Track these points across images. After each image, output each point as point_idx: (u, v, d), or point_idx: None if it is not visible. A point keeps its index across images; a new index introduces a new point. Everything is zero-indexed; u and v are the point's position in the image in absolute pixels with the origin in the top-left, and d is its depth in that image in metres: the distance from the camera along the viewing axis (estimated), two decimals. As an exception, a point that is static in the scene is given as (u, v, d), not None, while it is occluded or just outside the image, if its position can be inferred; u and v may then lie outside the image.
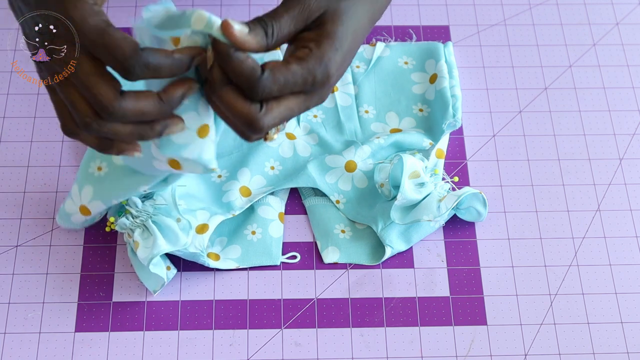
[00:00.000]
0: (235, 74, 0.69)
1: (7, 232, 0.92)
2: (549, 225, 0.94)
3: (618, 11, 1.09)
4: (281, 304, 0.89)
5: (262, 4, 1.07)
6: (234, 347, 0.87)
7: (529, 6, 1.09)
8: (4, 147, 0.97)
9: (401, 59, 1.03)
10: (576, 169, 0.97)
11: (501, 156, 0.98)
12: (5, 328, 0.87)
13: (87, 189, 0.86)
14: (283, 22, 0.72)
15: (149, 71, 0.68)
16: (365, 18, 0.77)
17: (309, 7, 0.73)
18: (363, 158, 0.95)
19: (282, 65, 0.71)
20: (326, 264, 0.91)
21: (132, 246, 0.87)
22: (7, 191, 0.94)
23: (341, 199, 0.94)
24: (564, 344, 0.87)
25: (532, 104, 1.02)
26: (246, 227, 0.92)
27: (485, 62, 1.04)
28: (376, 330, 0.88)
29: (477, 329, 0.88)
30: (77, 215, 0.88)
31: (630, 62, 1.05)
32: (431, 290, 0.90)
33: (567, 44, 1.06)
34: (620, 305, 0.89)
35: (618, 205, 0.95)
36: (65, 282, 0.90)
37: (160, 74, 0.69)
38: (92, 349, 0.86)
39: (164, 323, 0.88)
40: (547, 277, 0.91)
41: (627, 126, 1.00)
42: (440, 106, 0.98)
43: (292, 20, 0.72)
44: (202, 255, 0.88)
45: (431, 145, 0.96)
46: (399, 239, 0.91)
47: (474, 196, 0.91)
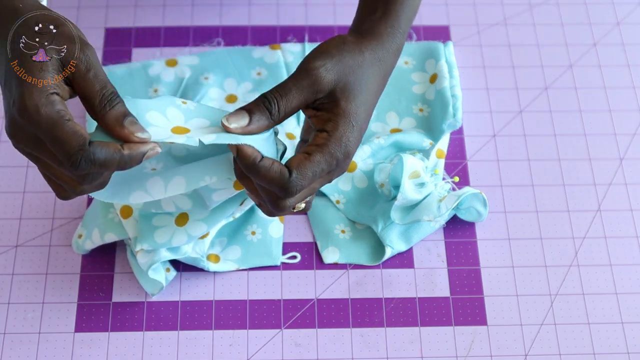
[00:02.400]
0: (266, 183, 0.73)
1: (7, 232, 0.92)
2: (549, 225, 0.94)
3: (618, 11, 1.09)
4: (281, 304, 0.89)
5: (262, 3, 1.07)
6: (234, 348, 0.87)
7: (529, 6, 1.09)
8: (4, 147, 0.97)
9: (401, 59, 1.03)
10: (576, 169, 0.97)
11: (501, 156, 0.98)
12: (5, 328, 0.87)
13: (109, 235, 0.88)
14: (291, 97, 0.74)
15: (96, 166, 0.69)
16: (376, 83, 0.78)
17: (318, 82, 0.75)
18: (363, 158, 0.95)
19: (305, 159, 0.74)
20: (326, 264, 0.91)
21: (133, 249, 0.87)
22: (7, 191, 0.94)
23: (341, 199, 0.94)
24: (565, 344, 0.87)
25: (532, 104, 1.02)
26: (246, 227, 0.92)
27: (485, 62, 1.04)
28: (376, 330, 0.88)
29: (477, 329, 0.88)
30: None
31: (631, 62, 1.05)
32: (431, 291, 0.90)
33: (568, 44, 1.06)
34: (621, 305, 0.89)
35: (618, 205, 0.95)
36: (65, 282, 0.90)
37: (109, 169, 0.70)
38: (92, 349, 0.86)
39: (164, 323, 0.88)
40: (548, 277, 0.91)
41: (627, 126, 1.00)
42: (441, 106, 0.98)
43: (300, 94, 0.74)
44: (202, 260, 0.88)
45: (431, 145, 0.95)
46: (399, 239, 0.91)
47: (474, 196, 0.91)
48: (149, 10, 1.07)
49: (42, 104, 0.69)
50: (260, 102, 0.74)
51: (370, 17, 0.80)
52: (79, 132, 0.69)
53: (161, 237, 0.82)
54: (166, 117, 0.74)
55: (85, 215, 0.90)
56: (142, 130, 0.71)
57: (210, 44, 1.04)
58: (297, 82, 0.74)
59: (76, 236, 0.90)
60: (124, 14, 1.07)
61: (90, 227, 0.89)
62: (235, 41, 1.05)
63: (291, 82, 0.74)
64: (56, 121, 0.69)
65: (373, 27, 0.80)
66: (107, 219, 0.87)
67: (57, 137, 0.68)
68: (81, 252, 0.90)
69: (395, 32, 0.80)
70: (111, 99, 0.71)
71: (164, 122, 0.73)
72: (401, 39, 0.81)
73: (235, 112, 0.74)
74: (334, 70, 0.75)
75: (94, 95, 0.71)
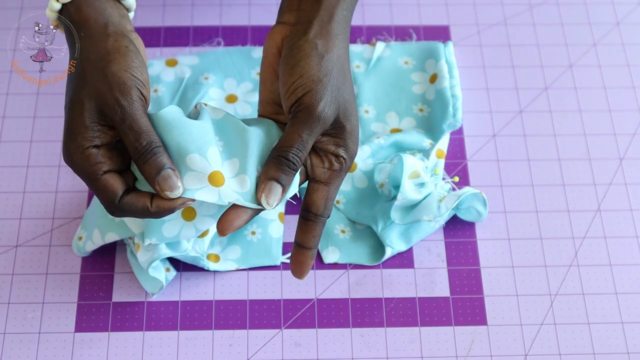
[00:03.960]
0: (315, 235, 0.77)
1: (7, 232, 0.92)
2: (549, 225, 0.94)
3: (618, 11, 1.09)
4: (281, 304, 0.89)
5: (262, 3, 1.07)
6: (234, 348, 0.87)
7: (529, 6, 1.09)
8: (4, 147, 0.97)
9: (401, 59, 1.03)
10: (576, 169, 0.97)
11: (501, 156, 0.98)
12: (5, 328, 0.87)
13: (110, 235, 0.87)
14: (307, 146, 0.75)
15: (129, 214, 0.74)
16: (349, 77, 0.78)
17: (326, 122, 0.75)
18: (363, 158, 0.95)
19: (332, 191, 0.77)
20: (326, 264, 0.91)
21: (133, 248, 0.87)
22: (7, 191, 0.94)
23: (341, 199, 0.94)
24: (564, 344, 0.87)
25: (532, 104, 1.02)
26: (246, 227, 0.92)
27: (485, 62, 1.04)
28: (376, 330, 0.88)
29: (477, 329, 0.88)
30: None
31: (631, 62, 1.05)
32: (431, 291, 0.90)
33: (568, 44, 1.06)
34: (621, 305, 0.89)
35: (618, 205, 0.95)
36: (65, 282, 0.90)
37: (142, 217, 0.74)
38: (92, 349, 0.86)
39: (164, 323, 0.88)
40: (548, 277, 0.91)
41: (627, 126, 1.00)
42: (441, 106, 0.98)
43: (313, 138, 0.75)
44: (202, 259, 0.88)
45: (431, 145, 0.95)
46: (399, 239, 0.91)
47: (474, 196, 0.91)
48: (149, 10, 1.07)
49: (77, 158, 0.72)
50: (284, 166, 0.74)
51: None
52: (110, 189, 0.72)
53: (169, 231, 0.82)
54: (206, 159, 0.74)
55: (84, 217, 0.90)
56: (173, 188, 0.72)
57: (210, 44, 1.04)
58: (309, 131, 0.74)
59: (76, 238, 0.90)
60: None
61: (90, 228, 0.89)
62: (235, 41, 1.05)
63: (303, 132, 0.74)
64: (89, 176, 0.72)
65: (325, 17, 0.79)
66: (108, 219, 0.87)
67: (92, 188, 0.73)
68: (82, 254, 0.90)
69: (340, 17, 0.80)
70: (145, 152, 0.72)
71: (204, 166, 0.74)
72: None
73: (267, 187, 0.74)
74: (333, 103, 0.75)
75: (129, 147, 0.73)
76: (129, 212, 0.73)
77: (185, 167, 0.73)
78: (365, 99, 1.00)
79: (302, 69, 0.75)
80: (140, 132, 0.72)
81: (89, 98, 0.72)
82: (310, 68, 0.75)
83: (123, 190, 0.73)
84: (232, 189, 0.74)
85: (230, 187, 0.74)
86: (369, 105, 0.99)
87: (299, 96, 0.74)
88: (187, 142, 0.74)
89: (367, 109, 0.99)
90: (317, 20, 0.77)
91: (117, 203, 0.73)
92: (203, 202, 0.82)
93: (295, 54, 0.76)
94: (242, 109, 0.99)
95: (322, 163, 0.76)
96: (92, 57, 0.73)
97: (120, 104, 0.72)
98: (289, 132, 0.74)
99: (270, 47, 0.78)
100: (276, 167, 0.74)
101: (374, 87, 1.01)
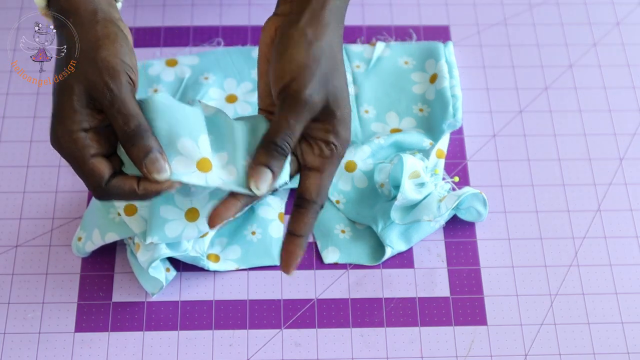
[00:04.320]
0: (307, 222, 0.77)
1: (7, 232, 0.92)
2: (549, 225, 0.94)
3: (618, 11, 1.09)
4: (281, 304, 0.89)
5: (262, 3, 1.07)
6: (234, 348, 0.87)
7: (529, 6, 1.09)
8: (4, 147, 0.97)
9: (401, 59, 1.03)
10: (576, 169, 0.97)
11: (501, 156, 0.98)
12: (5, 328, 0.87)
13: (110, 235, 0.87)
14: (296, 132, 0.75)
15: (115, 197, 0.74)
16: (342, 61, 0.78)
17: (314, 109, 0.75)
18: (363, 158, 0.95)
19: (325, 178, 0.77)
20: (326, 264, 0.91)
21: (133, 248, 0.87)
22: (7, 191, 0.94)
23: (341, 199, 0.94)
24: (564, 344, 0.87)
25: (532, 104, 1.02)
26: (246, 227, 0.92)
27: (485, 62, 1.04)
28: (376, 330, 0.88)
29: (477, 329, 0.88)
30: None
31: (631, 62, 1.05)
32: (431, 291, 0.90)
33: (567, 44, 1.06)
34: (621, 305, 0.89)
35: (618, 205, 0.95)
36: (65, 282, 0.90)
37: (128, 200, 0.76)
38: (92, 349, 0.86)
39: (163, 323, 0.88)
40: (548, 277, 0.91)
41: (627, 126, 1.00)
42: (441, 106, 0.98)
43: (301, 124, 0.75)
44: (202, 259, 0.88)
45: (431, 145, 0.95)
46: (399, 239, 0.91)
47: (474, 196, 0.91)
48: (149, 10, 1.07)
49: (65, 141, 0.73)
50: (273, 152, 0.74)
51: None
52: (97, 172, 0.72)
53: (172, 231, 0.82)
54: (197, 145, 0.74)
55: (83, 217, 0.90)
56: (160, 171, 0.72)
57: (210, 44, 1.04)
58: (296, 116, 0.74)
59: (75, 239, 0.90)
60: (124, 13, 1.06)
61: (89, 229, 0.89)
62: (235, 41, 1.05)
63: (291, 118, 0.74)
64: (77, 159, 0.73)
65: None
66: (107, 219, 0.87)
67: (79, 172, 0.73)
68: (82, 254, 0.90)
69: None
70: (133, 135, 0.72)
71: (194, 152, 0.74)
72: None
73: (257, 172, 0.74)
74: (321, 89, 0.75)
75: (118, 130, 0.73)
76: (115, 195, 0.73)
77: (175, 151, 0.73)
78: (365, 99, 1.00)
79: (290, 55, 0.75)
80: (129, 116, 0.72)
81: (78, 82, 0.72)
82: (297, 54, 0.75)
83: (110, 173, 0.73)
84: (219, 177, 0.75)
85: (217, 175, 0.75)
86: (369, 105, 0.99)
87: (286, 82, 0.74)
88: (181, 125, 0.74)
89: (367, 109, 0.99)
90: (308, 10, 0.77)
91: (104, 186, 0.73)
92: (206, 204, 0.82)
93: (284, 42, 0.76)
94: (242, 109, 0.99)
95: (312, 150, 0.76)
96: (82, 43, 0.73)
97: (109, 88, 0.72)
98: (277, 118, 0.75)
99: (264, 39, 0.79)
100: (265, 152, 0.74)
101: (374, 87, 1.01)
